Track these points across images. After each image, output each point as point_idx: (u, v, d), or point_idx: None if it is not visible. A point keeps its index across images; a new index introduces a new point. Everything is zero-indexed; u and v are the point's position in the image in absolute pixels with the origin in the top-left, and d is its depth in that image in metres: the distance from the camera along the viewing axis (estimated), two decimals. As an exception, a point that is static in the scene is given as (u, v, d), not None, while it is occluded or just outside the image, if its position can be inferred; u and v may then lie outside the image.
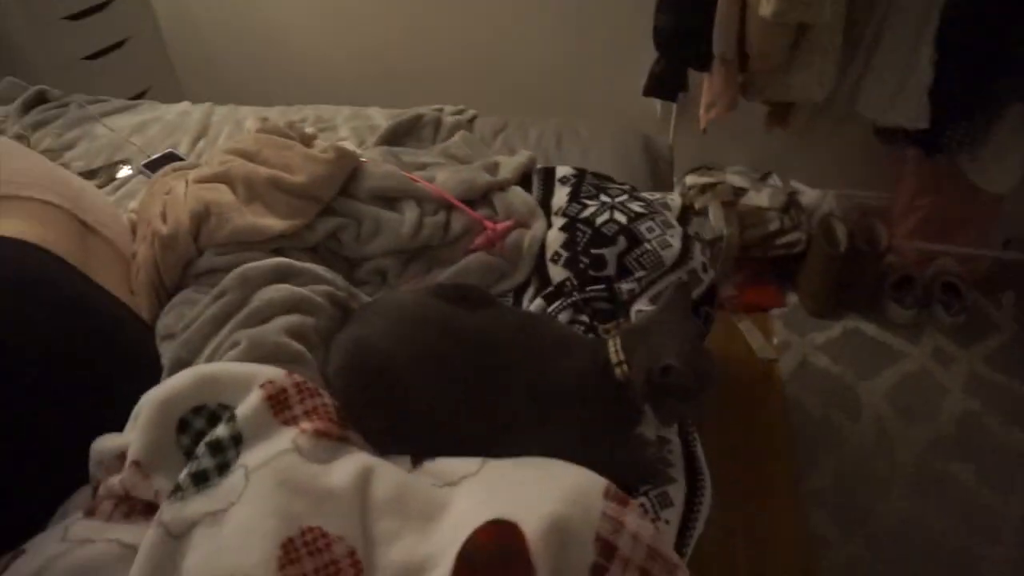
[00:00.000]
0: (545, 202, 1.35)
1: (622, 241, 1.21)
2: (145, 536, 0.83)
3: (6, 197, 1.11)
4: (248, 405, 0.93)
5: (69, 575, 0.81)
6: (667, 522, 0.91)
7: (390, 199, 1.30)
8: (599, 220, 1.24)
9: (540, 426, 0.93)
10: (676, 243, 1.21)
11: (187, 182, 1.25)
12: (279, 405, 0.94)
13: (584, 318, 1.16)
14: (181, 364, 1.06)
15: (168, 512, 0.85)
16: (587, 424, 0.93)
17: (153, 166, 1.58)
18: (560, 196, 1.34)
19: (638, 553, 0.85)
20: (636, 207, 1.26)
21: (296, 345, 1.02)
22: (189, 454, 0.91)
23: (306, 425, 0.92)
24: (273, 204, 1.22)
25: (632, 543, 0.84)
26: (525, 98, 2.48)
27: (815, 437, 1.88)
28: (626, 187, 1.35)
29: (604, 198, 1.30)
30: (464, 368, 0.95)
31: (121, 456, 0.92)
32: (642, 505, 0.91)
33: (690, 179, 2.34)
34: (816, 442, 1.86)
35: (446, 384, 0.95)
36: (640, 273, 1.18)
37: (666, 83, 1.95)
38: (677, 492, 0.94)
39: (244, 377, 0.95)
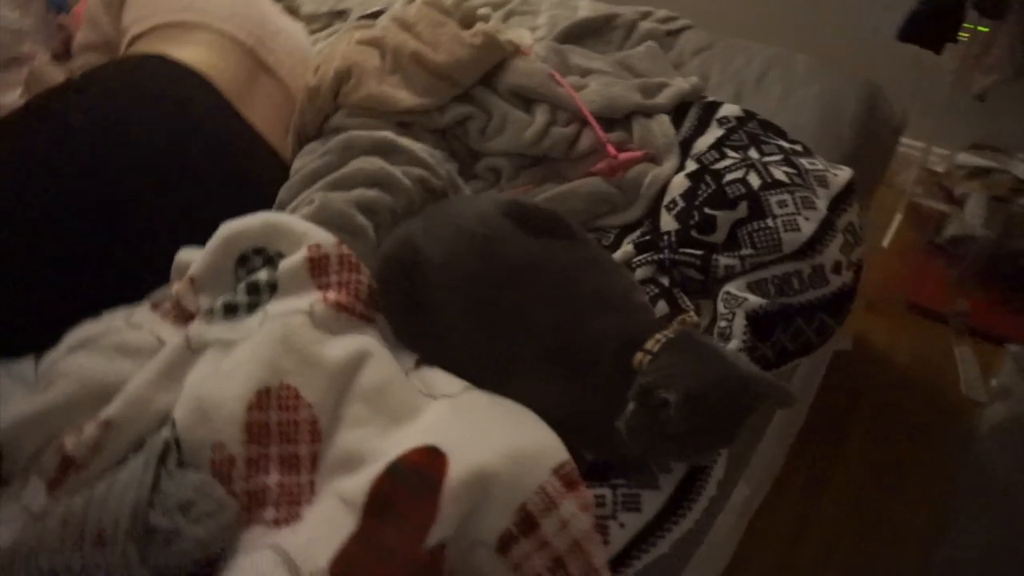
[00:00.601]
0: (690, 141, 1.19)
1: (743, 208, 1.03)
2: (173, 340, 0.96)
3: (197, 25, 1.25)
4: (291, 260, 0.99)
5: (113, 349, 0.96)
6: (622, 526, 0.81)
7: (527, 99, 1.23)
8: (728, 177, 1.06)
9: (536, 377, 0.87)
10: (808, 229, 1.00)
11: (350, 40, 1.30)
12: (318, 269, 0.99)
13: (665, 280, 1.03)
14: (280, 206, 1.15)
15: (196, 328, 0.97)
16: (583, 393, 0.85)
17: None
18: (708, 138, 1.16)
19: (560, 541, 0.78)
20: (780, 173, 1.05)
21: (360, 219, 1.05)
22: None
23: (331, 295, 0.96)
24: (411, 79, 1.22)
25: (558, 529, 0.78)
26: (753, 16, 2.13)
27: (985, 506, 1.53)
28: (789, 146, 1.13)
29: (751, 153, 1.10)
30: (489, 293, 0.91)
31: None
32: (600, 497, 0.82)
33: (963, 157, 1.89)
34: (976, 512, 1.52)
35: (467, 303, 0.92)
36: (747, 251, 1.00)
37: (931, 27, 1.54)
38: (652, 500, 0.83)
39: (299, 234, 1.01)
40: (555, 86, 1.23)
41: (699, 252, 1.03)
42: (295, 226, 1.02)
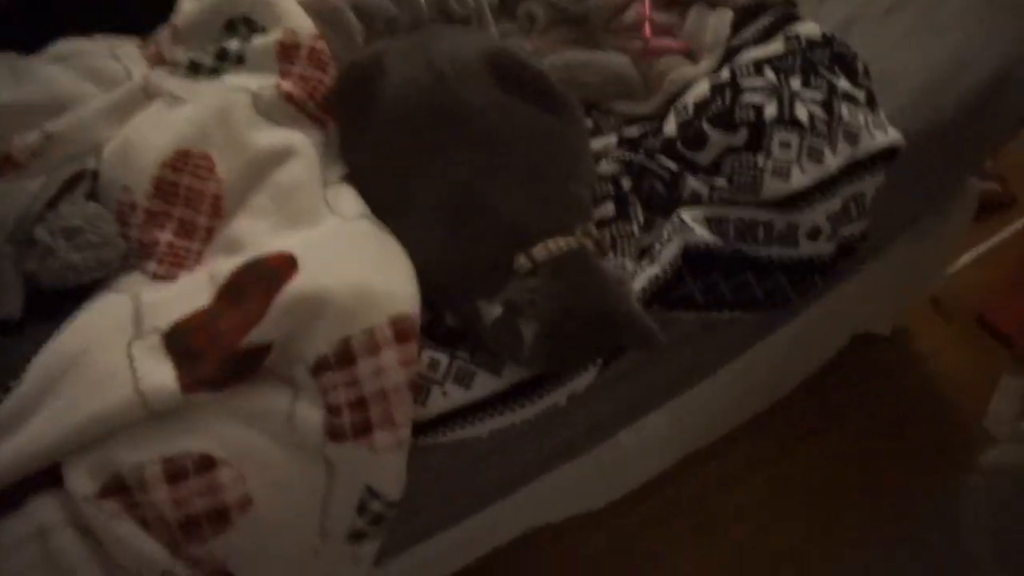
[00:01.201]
0: (740, 48, 1.02)
1: (742, 135, 0.89)
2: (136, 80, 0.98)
3: None
4: (264, 39, 0.97)
5: (86, 70, 1.00)
6: (445, 395, 0.79)
7: (589, -52, 1.09)
8: (746, 98, 0.91)
9: (428, 222, 0.83)
10: (798, 182, 0.85)
11: None
12: (286, 55, 0.96)
13: (626, 184, 0.93)
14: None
15: (157, 75, 0.98)
16: (462, 259, 0.80)
17: None
18: (759, 51, 1.00)
19: (370, 385, 0.77)
20: (805, 112, 0.88)
21: (351, 18, 1.00)
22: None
23: (286, 84, 0.94)
24: None
25: (372, 372, 0.76)
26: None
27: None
28: (846, 88, 0.94)
29: (792, 82, 0.94)
30: (425, 131, 0.86)
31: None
32: (434, 361, 0.79)
33: None
34: None
35: (404, 133, 0.87)
36: (721, 182, 0.88)
37: None
38: (486, 383, 0.79)
39: (281, 13, 0.98)
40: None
41: (673, 167, 0.91)
42: (283, 5, 0.99)
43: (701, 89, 0.98)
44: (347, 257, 0.81)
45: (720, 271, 0.86)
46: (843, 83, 0.95)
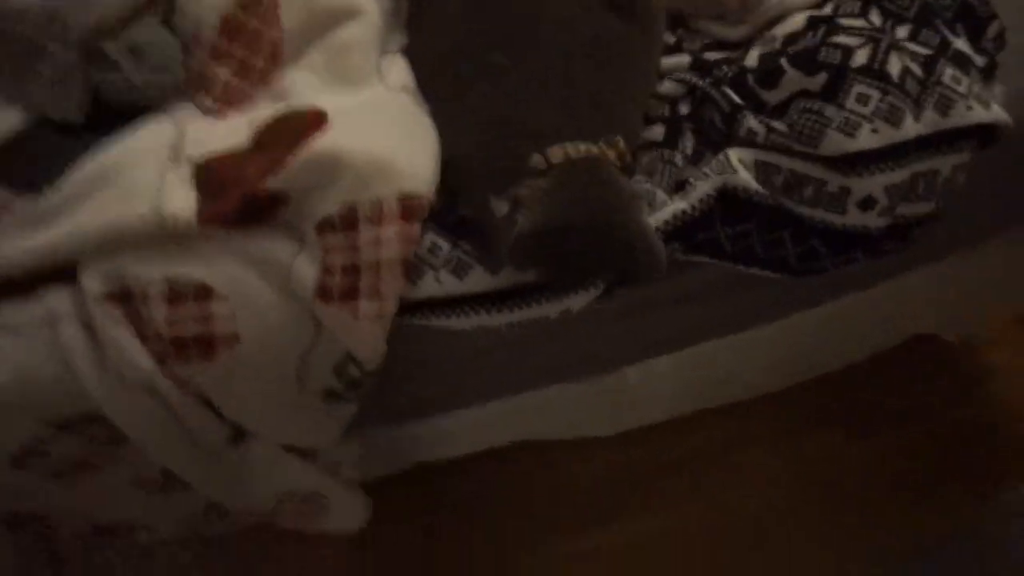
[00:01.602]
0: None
1: (819, 80, 0.80)
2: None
3: None
4: None
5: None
6: (437, 281, 0.79)
7: None
8: (837, 39, 0.82)
9: (466, 104, 0.82)
10: (865, 142, 0.77)
11: None
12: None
13: (683, 109, 0.87)
14: None
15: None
16: (484, 150, 0.79)
17: None
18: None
19: (366, 254, 0.78)
20: (898, 67, 0.78)
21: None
22: None
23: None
24: None
25: (371, 242, 0.77)
26: None
27: None
28: (961, 50, 0.82)
29: (899, 31, 0.83)
30: (483, 15, 0.83)
31: None
32: (435, 246, 0.79)
33: None
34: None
35: (464, 9, 0.85)
36: (781, 127, 0.80)
37: None
38: (480, 280, 0.79)
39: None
40: None
41: (736, 100, 0.84)
42: None
43: (797, 20, 0.89)
44: (377, 126, 0.81)
45: (756, 222, 0.80)
46: (960, 42, 0.84)
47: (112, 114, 0.91)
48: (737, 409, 1.27)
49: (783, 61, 0.83)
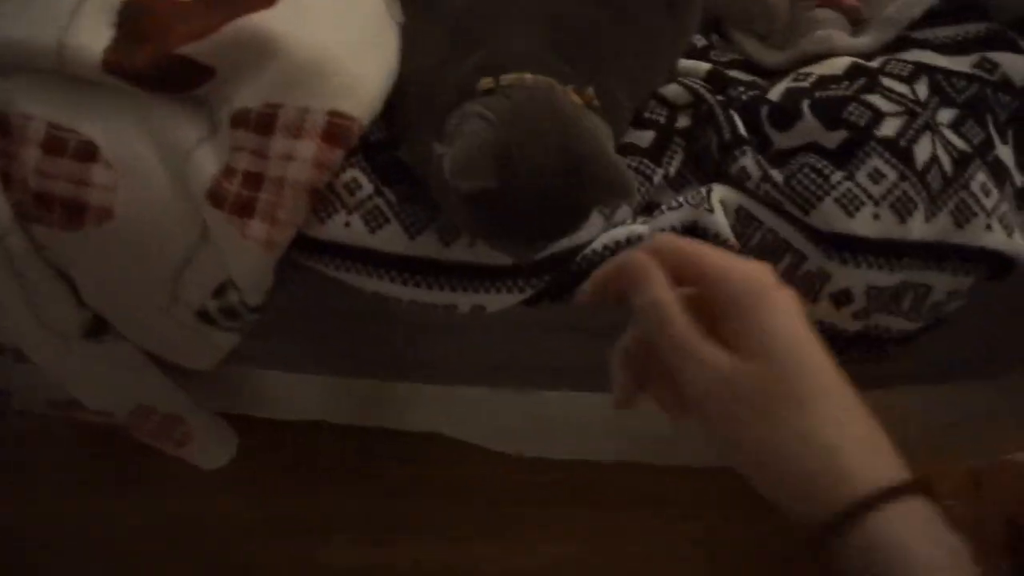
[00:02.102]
0: (929, 44, 0.79)
1: (836, 138, 0.69)
2: None
3: None
4: None
5: None
6: (346, 225, 0.68)
7: None
8: (873, 98, 0.71)
9: (430, 31, 0.71)
10: (858, 228, 0.67)
11: None
12: None
13: (681, 120, 0.76)
14: None
15: None
16: (435, 78, 0.68)
17: None
18: (934, 58, 0.77)
19: (274, 167, 0.66)
20: (933, 158, 0.68)
21: None
22: None
23: None
24: None
25: (282, 156, 0.66)
26: None
27: None
28: (1011, 165, 0.72)
29: (943, 113, 0.72)
30: None
31: None
32: (354, 181, 0.69)
33: None
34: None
35: None
36: (777, 178, 0.69)
37: None
38: (392, 238, 0.68)
39: None
40: None
41: (741, 131, 0.73)
42: None
43: (838, 63, 0.77)
44: (332, 22, 0.69)
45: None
46: (1004, 150, 0.73)
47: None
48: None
49: (805, 104, 0.72)
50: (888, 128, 0.69)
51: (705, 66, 0.80)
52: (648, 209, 0.74)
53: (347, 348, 0.90)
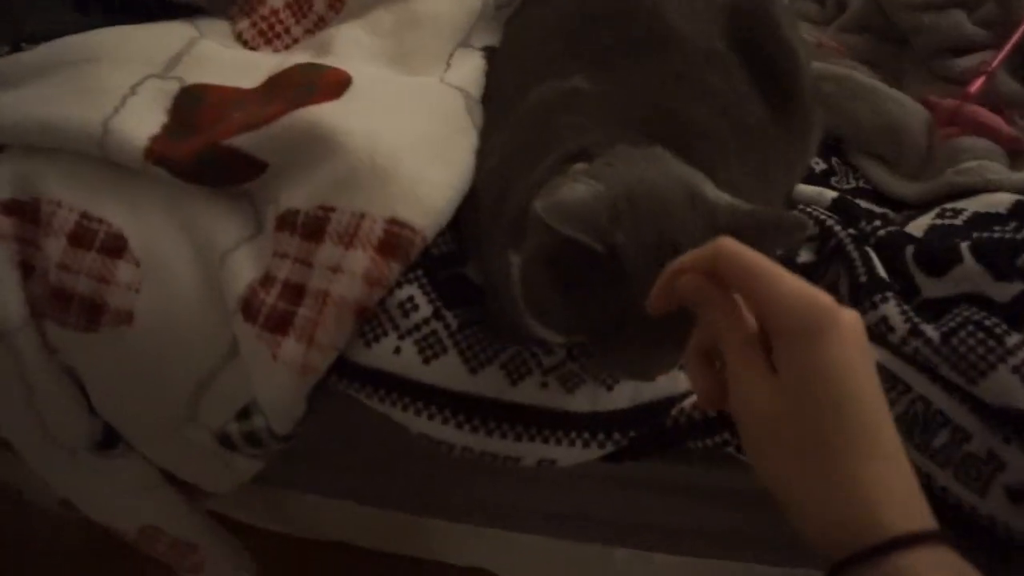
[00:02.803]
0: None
1: (1008, 292, 0.55)
2: None
3: None
4: None
5: None
6: (396, 351, 0.57)
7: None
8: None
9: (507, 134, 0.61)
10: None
11: None
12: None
13: (802, 254, 0.63)
14: None
15: None
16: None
17: None
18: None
19: (318, 278, 0.57)
20: None
21: None
22: None
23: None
24: None
25: (329, 267, 0.56)
26: None
27: None
28: None
29: None
30: (595, 34, 0.62)
31: None
32: (411, 301, 0.57)
33: None
34: None
35: (573, 27, 0.64)
36: (931, 335, 0.55)
37: None
38: (450, 372, 0.56)
39: None
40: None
41: (880, 272, 0.60)
42: None
43: (997, 200, 0.65)
44: (401, 120, 0.61)
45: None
46: None
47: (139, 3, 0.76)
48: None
49: (964, 246, 0.59)
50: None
51: (831, 193, 0.68)
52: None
53: (385, 481, 0.77)
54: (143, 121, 0.62)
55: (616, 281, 0.44)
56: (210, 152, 0.60)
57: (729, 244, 0.36)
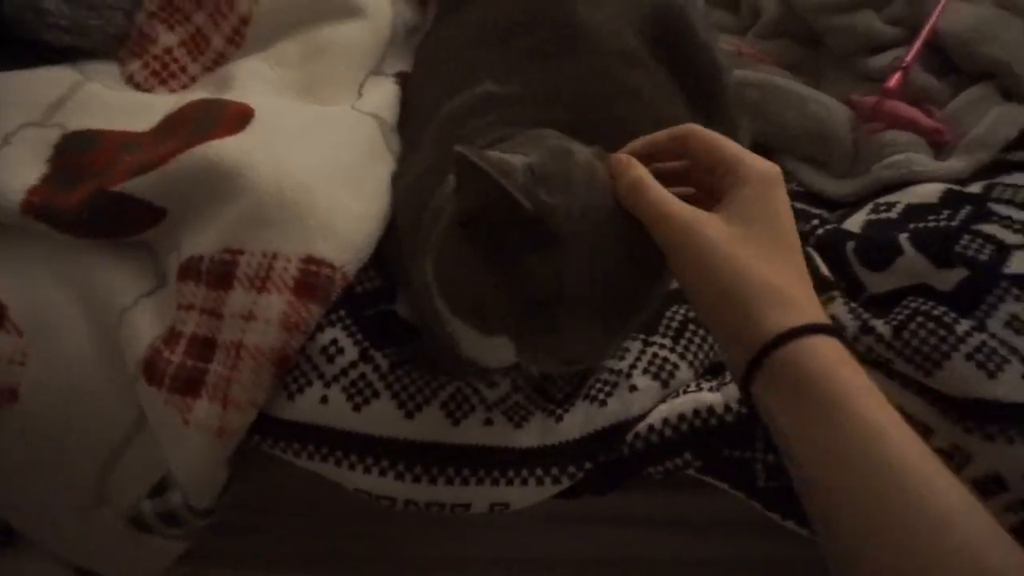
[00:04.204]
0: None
1: (952, 277, 0.54)
2: None
3: None
4: None
5: None
6: (323, 400, 0.52)
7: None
8: (989, 228, 0.57)
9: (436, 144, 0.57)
10: (1010, 392, 0.50)
11: None
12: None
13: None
14: None
15: None
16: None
17: None
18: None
19: (230, 328, 0.51)
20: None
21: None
22: None
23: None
24: None
25: (241, 315, 0.51)
26: None
27: None
28: None
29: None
30: (511, 39, 0.59)
31: None
32: (335, 345, 0.52)
33: None
34: None
35: (484, 36, 0.61)
36: (883, 330, 0.53)
37: None
38: (385, 418, 0.51)
39: None
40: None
41: (824, 271, 0.58)
42: None
43: (927, 191, 0.64)
44: (310, 151, 0.56)
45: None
46: None
47: (15, 46, 0.69)
48: None
49: (902, 237, 0.58)
50: (1019, 263, 0.54)
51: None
52: (714, 371, 0.58)
53: (329, 546, 0.71)
54: (18, 173, 0.56)
55: (543, 246, 0.40)
56: (99, 200, 0.54)
57: (697, 127, 0.45)
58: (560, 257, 0.40)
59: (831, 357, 0.37)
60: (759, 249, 0.40)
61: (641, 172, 0.43)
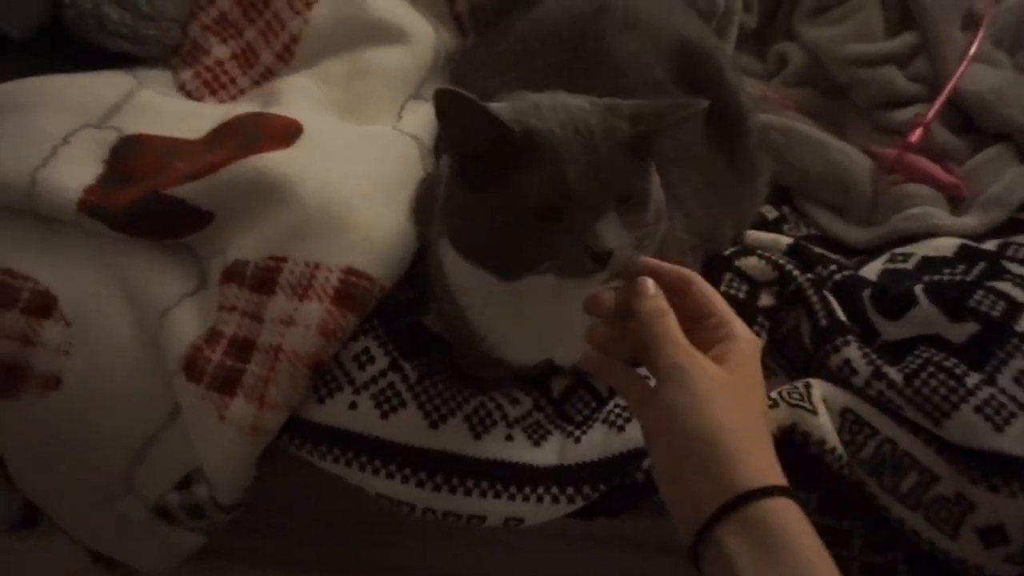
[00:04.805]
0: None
1: (963, 332, 0.56)
2: None
3: None
4: None
5: None
6: (352, 406, 0.54)
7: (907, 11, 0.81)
8: (995, 283, 0.59)
9: None
10: (1016, 446, 0.52)
11: None
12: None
13: (764, 298, 0.63)
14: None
15: None
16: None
17: None
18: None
19: (269, 332, 0.54)
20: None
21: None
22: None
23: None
24: None
25: (281, 319, 0.54)
26: None
27: None
28: None
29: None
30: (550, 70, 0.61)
31: None
32: (366, 354, 0.55)
33: None
34: None
35: (524, 64, 0.64)
36: (894, 377, 0.55)
37: None
38: (410, 427, 0.54)
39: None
40: (954, 26, 0.78)
41: (840, 316, 0.60)
42: None
43: (944, 244, 0.67)
44: (355, 169, 0.59)
45: (818, 497, 0.54)
46: None
47: (74, 48, 0.73)
48: None
49: (917, 289, 0.60)
50: (1026, 323, 0.57)
51: (786, 239, 0.69)
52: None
53: (343, 551, 0.72)
54: (76, 172, 0.58)
55: (535, 160, 0.43)
56: (152, 202, 0.57)
57: (700, 278, 0.47)
58: (554, 167, 0.43)
59: (802, 522, 0.39)
60: (751, 403, 0.43)
61: (666, 306, 0.44)
